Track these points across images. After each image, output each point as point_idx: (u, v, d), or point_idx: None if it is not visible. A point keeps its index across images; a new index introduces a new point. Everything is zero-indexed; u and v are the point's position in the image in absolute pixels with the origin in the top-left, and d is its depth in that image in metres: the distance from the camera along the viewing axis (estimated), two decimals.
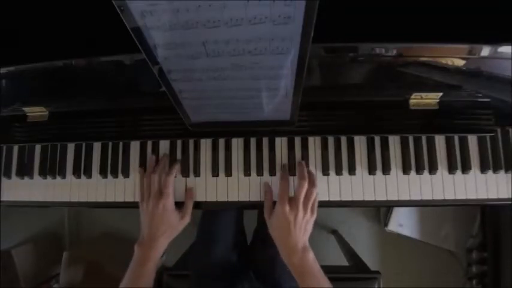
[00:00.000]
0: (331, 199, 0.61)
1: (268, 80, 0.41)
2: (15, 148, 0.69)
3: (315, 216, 0.57)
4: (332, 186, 0.61)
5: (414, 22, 0.46)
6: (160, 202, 0.58)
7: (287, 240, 0.56)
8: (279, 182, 0.60)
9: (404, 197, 0.60)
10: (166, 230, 0.59)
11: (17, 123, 0.66)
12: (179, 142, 0.64)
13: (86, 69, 0.53)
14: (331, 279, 0.55)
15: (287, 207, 0.55)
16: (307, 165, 0.61)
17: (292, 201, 0.56)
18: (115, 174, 0.65)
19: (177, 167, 0.63)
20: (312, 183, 0.58)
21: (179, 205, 0.61)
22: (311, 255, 0.55)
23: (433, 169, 0.60)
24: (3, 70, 0.54)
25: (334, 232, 1.29)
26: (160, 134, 0.63)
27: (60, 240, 1.43)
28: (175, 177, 0.63)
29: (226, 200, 0.62)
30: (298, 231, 0.55)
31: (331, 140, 0.62)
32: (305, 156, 0.61)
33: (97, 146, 0.66)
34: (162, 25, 0.31)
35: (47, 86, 0.60)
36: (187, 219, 0.61)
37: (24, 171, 0.68)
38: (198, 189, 0.63)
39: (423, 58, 0.49)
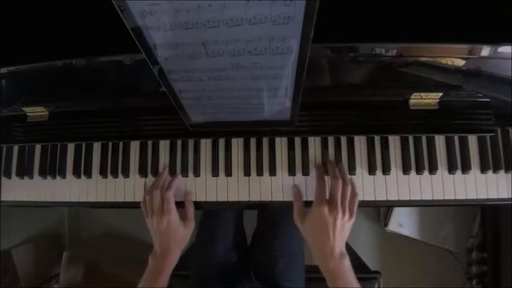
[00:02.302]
0: None
1: (268, 80, 0.41)
2: (15, 148, 0.69)
3: (354, 218, 0.54)
4: None
5: (414, 22, 0.46)
6: (164, 218, 0.58)
7: (324, 245, 0.52)
8: (314, 182, 0.58)
9: (404, 197, 0.60)
10: (176, 242, 0.59)
11: (17, 123, 0.66)
12: (179, 142, 0.64)
13: (86, 69, 0.53)
14: None
15: (326, 209, 0.52)
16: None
17: (330, 202, 0.53)
18: (115, 174, 0.65)
19: (177, 181, 0.62)
20: (345, 181, 0.55)
21: (178, 205, 0.61)
22: (347, 261, 0.52)
23: (433, 169, 0.59)
24: (3, 70, 0.54)
25: None
26: (160, 134, 0.63)
27: (60, 240, 1.43)
28: None
29: (226, 200, 0.62)
30: (336, 235, 0.52)
31: (331, 140, 0.62)
32: (305, 156, 0.61)
33: (97, 146, 0.66)
34: (162, 25, 0.31)
35: (47, 86, 0.60)
36: (192, 226, 0.62)
37: (24, 171, 0.68)
38: (198, 189, 0.63)
39: (423, 58, 0.49)
